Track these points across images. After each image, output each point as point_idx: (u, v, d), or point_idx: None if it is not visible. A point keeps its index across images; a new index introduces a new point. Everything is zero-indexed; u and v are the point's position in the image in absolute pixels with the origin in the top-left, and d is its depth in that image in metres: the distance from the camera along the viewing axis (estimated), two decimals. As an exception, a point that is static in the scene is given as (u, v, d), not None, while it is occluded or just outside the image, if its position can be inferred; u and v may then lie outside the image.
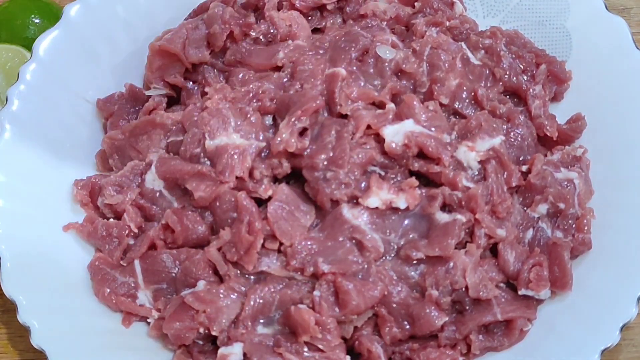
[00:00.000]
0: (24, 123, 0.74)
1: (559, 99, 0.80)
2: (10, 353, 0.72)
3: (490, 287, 0.67)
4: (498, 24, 0.83)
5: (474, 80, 0.76)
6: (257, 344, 0.66)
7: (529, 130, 0.75)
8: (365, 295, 0.65)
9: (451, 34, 0.78)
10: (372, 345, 0.67)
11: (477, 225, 0.68)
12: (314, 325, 0.65)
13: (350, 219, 0.68)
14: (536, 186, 0.72)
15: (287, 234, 0.67)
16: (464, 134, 0.72)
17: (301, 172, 0.69)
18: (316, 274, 0.66)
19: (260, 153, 0.70)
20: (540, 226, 0.72)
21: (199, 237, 0.70)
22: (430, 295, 0.67)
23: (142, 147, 0.75)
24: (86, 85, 0.78)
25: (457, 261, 0.67)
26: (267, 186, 0.69)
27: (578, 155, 0.75)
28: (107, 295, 0.70)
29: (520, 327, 0.68)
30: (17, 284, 0.68)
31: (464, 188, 0.69)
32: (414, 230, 0.69)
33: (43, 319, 0.67)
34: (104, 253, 0.72)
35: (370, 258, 0.67)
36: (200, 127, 0.71)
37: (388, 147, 0.69)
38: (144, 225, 0.73)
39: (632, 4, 0.88)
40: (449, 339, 0.68)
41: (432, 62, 0.74)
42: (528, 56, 0.79)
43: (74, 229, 0.73)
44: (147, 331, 0.70)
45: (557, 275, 0.69)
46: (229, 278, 0.68)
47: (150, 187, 0.72)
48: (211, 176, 0.70)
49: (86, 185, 0.75)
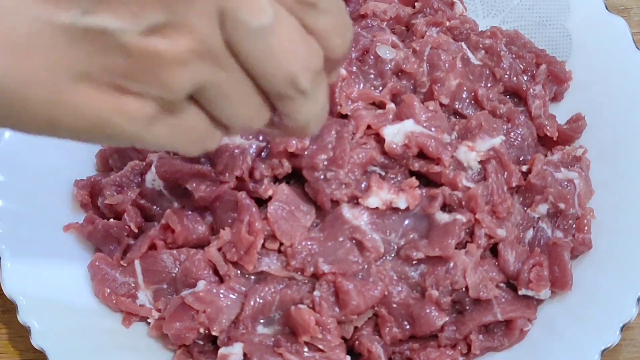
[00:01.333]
0: (24, 123, 0.74)
1: (559, 99, 0.80)
2: (10, 353, 0.72)
3: (490, 287, 0.67)
4: (498, 24, 0.83)
5: (474, 80, 0.76)
6: (257, 344, 0.66)
7: (529, 130, 0.75)
8: (365, 295, 0.65)
9: (451, 34, 0.78)
10: (372, 345, 0.67)
11: (477, 225, 0.68)
12: (314, 325, 0.65)
13: (350, 219, 0.68)
14: (536, 186, 0.72)
15: (287, 234, 0.67)
16: (464, 134, 0.72)
17: (301, 172, 0.69)
18: (316, 274, 0.66)
19: (260, 153, 0.70)
20: (540, 226, 0.72)
21: (199, 237, 0.70)
22: (431, 295, 0.67)
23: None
24: (86, 85, 0.78)
25: (457, 261, 0.67)
26: (267, 186, 0.69)
27: (578, 155, 0.75)
28: (107, 296, 0.70)
29: (520, 327, 0.68)
30: (17, 284, 0.68)
31: (464, 188, 0.69)
32: (414, 230, 0.69)
33: (43, 319, 0.67)
34: (104, 253, 0.72)
35: (370, 258, 0.67)
36: (200, 127, 0.71)
37: (388, 147, 0.69)
38: (144, 225, 0.73)
39: (632, 4, 0.87)
40: (449, 339, 0.68)
41: (432, 62, 0.74)
42: (528, 56, 0.79)
43: (74, 229, 0.73)
44: (147, 331, 0.70)
45: (557, 275, 0.69)
46: (229, 278, 0.68)
47: (150, 187, 0.72)
48: (211, 176, 0.70)
49: (86, 185, 0.74)
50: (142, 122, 0.44)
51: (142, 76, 0.42)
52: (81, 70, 0.42)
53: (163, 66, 0.42)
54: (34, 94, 0.42)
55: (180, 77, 0.42)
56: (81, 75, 0.42)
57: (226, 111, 0.46)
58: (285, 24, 0.45)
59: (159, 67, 0.42)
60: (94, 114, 0.43)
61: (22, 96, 0.42)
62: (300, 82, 0.46)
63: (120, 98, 0.43)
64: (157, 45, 0.41)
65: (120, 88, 0.42)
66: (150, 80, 0.42)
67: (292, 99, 0.46)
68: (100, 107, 0.43)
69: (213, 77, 0.44)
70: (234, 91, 0.45)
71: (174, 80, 0.42)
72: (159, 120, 0.44)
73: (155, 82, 0.42)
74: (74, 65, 0.42)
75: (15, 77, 0.42)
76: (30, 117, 0.43)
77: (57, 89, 0.42)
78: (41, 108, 0.43)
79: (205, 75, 0.43)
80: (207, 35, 0.42)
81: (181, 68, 0.42)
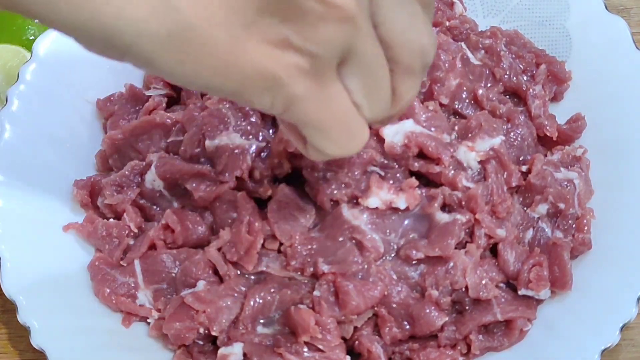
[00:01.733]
0: (24, 123, 0.75)
1: (559, 99, 0.80)
2: (10, 353, 0.72)
3: (490, 287, 0.67)
4: (498, 24, 0.83)
5: (474, 80, 0.76)
6: (257, 344, 0.66)
7: (529, 130, 0.75)
8: (365, 295, 0.65)
9: (451, 34, 0.78)
10: (372, 345, 0.67)
11: (477, 225, 0.68)
12: (314, 326, 0.65)
13: (350, 219, 0.68)
14: (536, 186, 0.72)
15: (287, 234, 0.67)
16: (464, 134, 0.72)
17: (301, 172, 0.69)
18: (316, 274, 0.66)
19: (260, 153, 0.70)
20: (540, 226, 0.72)
21: (199, 237, 0.70)
22: (430, 295, 0.67)
23: (142, 147, 0.75)
24: (86, 85, 0.78)
25: (457, 261, 0.67)
26: (267, 186, 0.69)
27: (578, 155, 0.75)
28: (107, 296, 0.70)
29: (520, 327, 0.68)
30: (17, 284, 0.68)
31: (464, 188, 0.69)
32: (414, 230, 0.69)
33: (43, 319, 0.67)
34: (104, 253, 0.72)
35: (370, 258, 0.67)
36: (200, 127, 0.71)
37: (388, 147, 0.69)
38: (144, 225, 0.73)
39: (632, 4, 0.87)
40: (449, 339, 0.68)
41: (432, 62, 0.74)
42: (528, 56, 0.79)
43: (74, 229, 0.73)
44: (147, 331, 0.70)
45: (557, 275, 0.69)
46: (229, 278, 0.68)
47: (150, 187, 0.72)
48: (211, 176, 0.70)
49: (86, 185, 0.75)
50: (298, 76, 0.45)
51: (305, 29, 0.44)
52: (252, 18, 0.43)
53: (325, 21, 0.44)
54: (215, 39, 0.43)
55: (336, 34, 0.44)
56: (252, 23, 0.43)
57: (367, 89, 0.48)
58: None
59: (322, 21, 0.43)
60: (261, 64, 0.44)
61: (206, 40, 0.42)
62: (430, 56, 0.50)
63: (282, 51, 0.44)
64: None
65: (282, 42, 0.44)
66: (311, 35, 0.44)
67: (414, 74, 0.50)
68: (267, 57, 0.44)
69: (360, 43, 0.46)
70: (375, 65, 0.48)
71: (331, 36, 0.44)
72: (310, 84, 0.46)
73: (315, 37, 0.44)
74: (248, 11, 0.43)
75: (203, 21, 0.42)
76: (208, 61, 0.43)
77: (234, 33, 0.43)
78: (217, 50, 0.43)
79: (355, 38, 0.45)
80: (362, 2, 0.45)
81: (338, 25, 0.44)
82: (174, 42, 0.42)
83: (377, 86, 0.49)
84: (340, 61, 0.47)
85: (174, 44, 0.43)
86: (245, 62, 0.44)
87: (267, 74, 0.44)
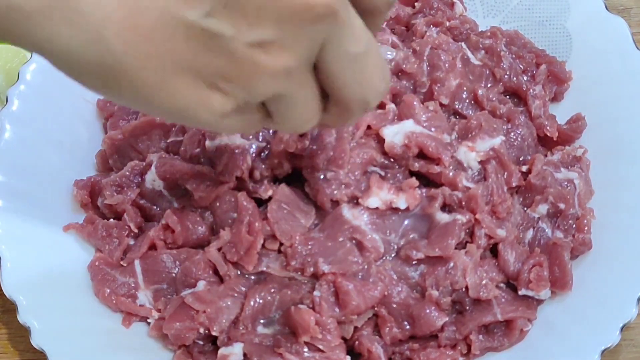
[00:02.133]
0: (24, 123, 0.75)
1: (559, 99, 0.80)
2: (10, 353, 0.72)
3: (490, 287, 0.67)
4: (498, 24, 0.83)
5: (474, 81, 0.76)
6: (257, 344, 0.66)
7: (529, 130, 0.75)
8: (365, 295, 0.65)
9: (451, 34, 0.78)
10: (372, 346, 0.67)
11: (477, 225, 0.68)
12: (314, 326, 0.65)
13: (350, 219, 0.68)
14: (536, 186, 0.72)
15: (287, 234, 0.67)
16: (464, 134, 0.72)
17: (301, 172, 0.69)
18: (316, 274, 0.66)
19: (260, 153, 0.70)
20: (540, 226, 0.72)
21: (199, 238, 0.70)
22: (430, 295, 0.67)
23: (142, 147, 0.75)
24: (86, 86, 0.78)
25: (457, 261, 0.67)
26: (267, 186, 0.69)
27: (578, 155, 0.75)
28: (107, 296, 0.70)
29: (520, 327, 0.68)
30: (17, 284, 0.68)
31: (464, 188, 0.69)
32: (414, 230, 0.69)
33: (43, 319, 0.67)
34: (104, 253, 0.72)
35: (370, 258, 0.67)
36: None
37: (388, 147, 0.69)
38: (144, 225, 0.73)
39: (632, 4, 0.88)
40: (449, 339, 0.68)
41: (432, 62, 0.74)
42: (528, 56, 0.79)
43: (74, 229, 0.73)
44: (147, 331, 0.70)
45: (557, 275, 0.69)
46: (229, 278, 0.68)
47: (150, 187, 0.72)
48: (211, 176, 0.70)
49: (86, 185, 0.75)
50: (219, 115, 0.48)
51: (236, 79, 0.47)
52: (186, 65, 0.46)
53: (257, 75, 0.46)
54: (142, 77, 0.46)
55: (267, 86, 0.47)
56: (184, 68, 0.46)
57: (287, 115, 0.51)
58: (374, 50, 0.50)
59: (253, 74, 0.46)
60: (184, 103, 0.47)
61: (133, 76, 0.46)
62: (370, 106, 0.52)
63: (209, 93, 0.47)
64: (260, 57, 0.46)
65: (212, 85, 0.47)
66: (241, 84, 0.47)
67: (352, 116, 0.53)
68: (191, 97, 0.47)
69: (291, 90, 0.48)
70: (302, 102, 0.50)
71: (261, 88, 0.47)
72: (232, 116, 0.49)
73: (245, 86, 0.47)
74: (183, 58, 0.46)
75: (134, 60, 0.45)
76: (131, 94, 0.47)
77: (162, 76, 0.46)
78: (143, 89, 0.47)
79: (286, 88, 0.48)
80: (304, 57, 0.47)
81: (270, 80, 0.47)
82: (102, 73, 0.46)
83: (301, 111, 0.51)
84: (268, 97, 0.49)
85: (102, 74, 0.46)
86: (170, 99, 0.47)
87: (188, 110, 0.48)
